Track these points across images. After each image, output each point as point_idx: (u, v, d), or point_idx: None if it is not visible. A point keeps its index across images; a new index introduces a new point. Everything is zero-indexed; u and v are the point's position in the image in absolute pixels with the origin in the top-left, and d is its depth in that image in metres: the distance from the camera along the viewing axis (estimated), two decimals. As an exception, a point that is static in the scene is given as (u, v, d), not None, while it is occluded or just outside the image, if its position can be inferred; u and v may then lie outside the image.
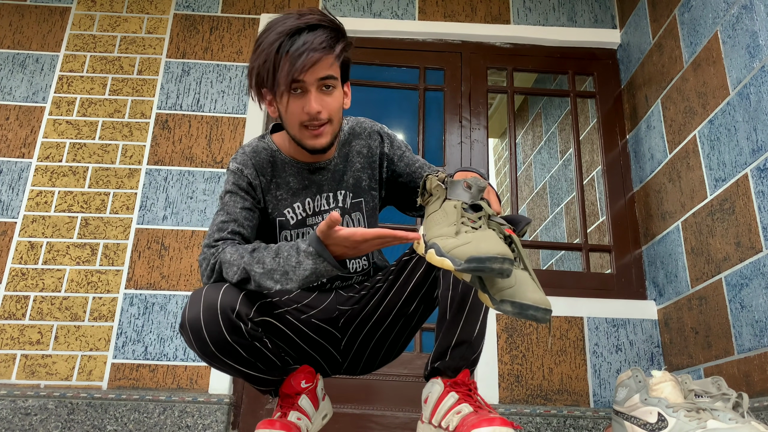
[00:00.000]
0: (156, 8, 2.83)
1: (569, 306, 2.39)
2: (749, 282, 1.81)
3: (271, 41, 1.15)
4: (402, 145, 1.40)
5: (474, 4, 2.91)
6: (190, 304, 1.11)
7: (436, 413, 1.15)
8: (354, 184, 1.34)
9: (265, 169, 1.30)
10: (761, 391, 1.73)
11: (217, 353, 1.13)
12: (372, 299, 1.32)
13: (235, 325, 1.11)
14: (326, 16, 1.20)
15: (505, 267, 0.92)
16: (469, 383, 1.18)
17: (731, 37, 1.96)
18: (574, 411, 2.21)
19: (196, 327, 1.10)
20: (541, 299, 0.96)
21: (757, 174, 1.80)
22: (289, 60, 1.13)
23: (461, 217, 1.02)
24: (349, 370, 1.42)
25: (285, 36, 1.14)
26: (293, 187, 1.31)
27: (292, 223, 1.30)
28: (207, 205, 2.49)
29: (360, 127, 1.38)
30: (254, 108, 2.66)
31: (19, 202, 2.46)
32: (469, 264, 0.92)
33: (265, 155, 1.31)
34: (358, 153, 1.36)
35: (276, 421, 1.22)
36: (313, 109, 1.17)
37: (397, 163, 1.38)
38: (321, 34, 1.16)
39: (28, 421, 2.13)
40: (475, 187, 1.07)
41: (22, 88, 2.65)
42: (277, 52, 1.14)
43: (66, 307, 2.32)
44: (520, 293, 0.97)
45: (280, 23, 1.18)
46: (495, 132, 4.66)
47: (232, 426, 2.22)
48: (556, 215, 3.47)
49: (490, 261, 0.91)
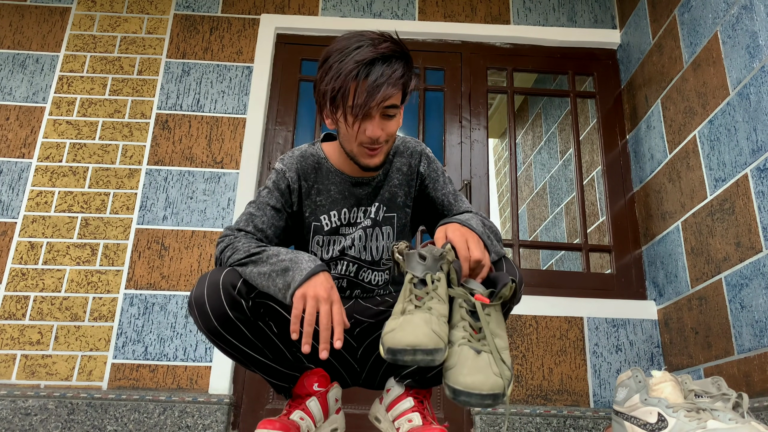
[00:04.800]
0: (156, 8, 2.83)
1: (569, 306, 2.39)
2: (749, 282, 1.81)
3: (349, 69, 1.18)
4: (439, 169, 1.44)
5: (474, 4, 2.91)
6: (197, 285, 1.19)
7: (393, 408, 1.30)
8: (389, 199, 1.39)
9: (309, 174, 1.36)
10: (761, 391, 1.73)
11: (220, 329, 1.18)
12: None
13: (236, 300, 1.16)
14: (399, 45, 1.24)
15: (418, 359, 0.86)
16: (424, 392, 1.31)
17: (731, 37, 1.97)
18: (574, 411, 2.21)
19: (200, 302, 1.16)
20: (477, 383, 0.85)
21: (757, 174, 1.80)
22: (366, 90, 1.18)
23: (410, 293, 0.98)
24: (368, 383, 1.44)
25: (362, 66, 1.18)
26: (333, 195, 1.36)
27: (326, 229, 1.35)
28: (207, 205, 2.49)
29: (404, 146, 1.43)
30: (254, 108, 2.66)
31: (19, 202, 2.46)
32: (387, 355, 0.89)
33: (311, 161, 1.37)
34: (398, 170, 1.40)
35: (276, 421, 1.22)
36: (375, 135, 1.23)
37: (428, 184, 1.42)
38: (396, 67, 1.20)
39: (28, 421, 2.13)
40: (430, 256, 1.00)
41: (22, 88, 2.65)
42: (355, 79, 1.18)
43: (66, 307, 2.32)
44: (454, 375, 0.88)
45: (355, 50, 1.20)
46: (495, 132, 4.66)
47: (232, 426, 2.22)
48: (556, 215, 3.47)
49: (401, 353, 0.87)
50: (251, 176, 2.54)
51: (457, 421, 2.27)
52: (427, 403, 1.31)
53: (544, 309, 2.38)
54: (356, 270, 1.36)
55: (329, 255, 1.35)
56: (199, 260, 2.41)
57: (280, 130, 2.70)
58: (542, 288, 2.47)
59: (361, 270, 1.36)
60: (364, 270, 1.36)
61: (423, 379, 1.29)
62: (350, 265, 1.35)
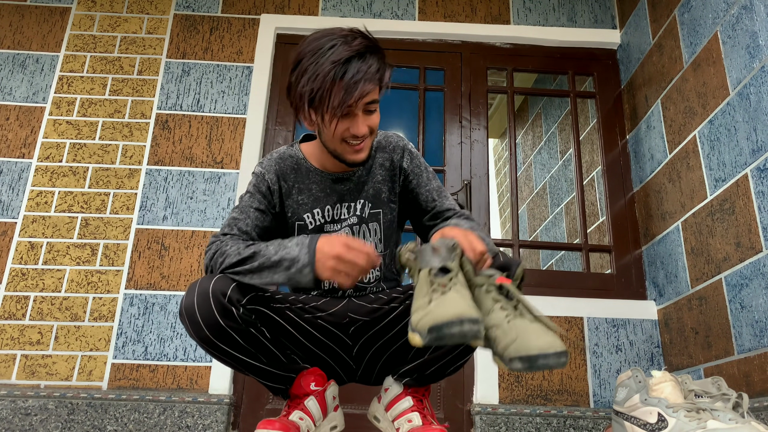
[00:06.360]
0: (156, 8, 2.83)
1: (569, 306, 2.39)
2: (749, 282, 1.81)
3: (326, 71, 1.18)
4: (422, 165, 1.45)
5: (474, 4, 2.91)
6: (187, 293, 1.19)
7: (392, 408, 1.32)
8: (374, 195, 1.39)
9: (288, 175, 1.37)
10: (761, 391, 1.73)
11: (212, 338, 1.18)
12: (386, 317, 1.34)
13: (226, 309, 1.16)
14: (370, 40, 1.24)
15: (465, 329, 0.85)
16: (423, 390, 1.32)
17: (731, 38, 1.96)
18: (574, 411, 2.21)
19: (191, 311, 1.16)
20: (547, 344, 0.88)
21: (757, 174, 1.80)
22: (343, 88, 1.18)
23: (431, 284, 0.98)
24: (364, 379, 1.44)
25: (338, 65, 1.19)
26: (315, 194, 1.37)
27: (311, 228, 1.36)
28: (207, 205, 2.49)
29: (386, 141, 1.43)
30: (254, 108, 2.66)
31: (19, 202, 2.46)
32: (430, 335, 0.87)
33: (290, 162, 1.39)
34: (380, 165, 1.41)
35: (276, 421, 1.22)
36: (361, 132, 1.25)
37: (411, 180, 1.42)
38: (371, 62, 1.21)
39: (28, 421, 2.13)
40: (443, 248, 1.01)
41: (22, 88, 2.65)
42: (332, 80, 1.19)
43: (66, 307, 2.32)
44: (524, 345, 0.89)
45: (329, 50, 1.21)
46: (495, 132, 4.66)
47: (232, 426, 2.22)
48: (556, 215, 3.47)
49: (447, 327, 0.85)
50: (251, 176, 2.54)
51: (457, 421, 2.27)
52: (426, 402, 1.32)
53: (544, 309, 2.38)
54: None
55: None
56: (199, 260, 2.41)
57: (280, 130, 2.70)
58: (542, 288, 2.47)
59: None
60: None
61: (422, 376, 1.29)
62: None
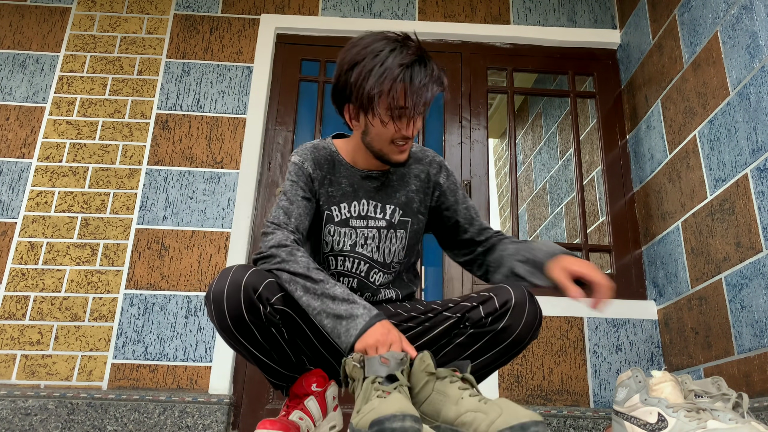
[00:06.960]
0: (156, 8, 2.83)
1: (569, 306, 2.39)
2: (749, 282, 1.81)
3: (396, 73, 1.20)
4: (458, 182, 1.48)
5: (474, 5, 2.91)
6: (218, 278, 1.19)
7: None
8: (405, 203, 1.41)
9: (322, 165, 1.39)
10: (761, 391, 1.73)
11: (232, 328, 1.19)
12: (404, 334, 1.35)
13: (254, 305, 1.17)
14: (421, 46, 1.26)
15: (407, 425, 0.86)
16: None
17: (731, 38, 1.96)
18: (574, 411, 2.21)
19: (219, 299, 1.17)
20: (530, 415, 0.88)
21: (757, 174, 1.80)
22: (415, 91, 1.20)
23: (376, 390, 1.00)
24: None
25: (405, 68, 1.21)
26: (344, 188, 1.39)
27: (337, 220, 1.38)
28: (207, 205, 2.49)
29: (422, 154, 1.47)
30: (254, 108, 2.66)
31: (19, 202, 2.46)
32: (371, 429, 0.88)
33: (324, 153, 1.41)
34: (416, 176, 1.44)
35: (276, 421, 1.22)
36: (411, 133, 1.27)
37: (448, 197, 1.45)
38: (432, 66, 1.24)
39: (28, 421, 2.13)
40: (392, 360, 1.04)
41: (22, 88, 2.65)
42: (402, 81, 1.21)
43: (66, 307, 2.32)
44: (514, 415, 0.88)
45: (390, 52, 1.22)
46: (495, 132, 4.66)
47: (232, 426, 2.22)
48: (556, 215, 3.47)
49: (389, 421, 0.86)
50: (251, 176, 2.54)
51: (457, 421, 2.27)
52: None
53: (544, 309, 2.38)
54: (367, 270, 1.38)
55: (340, 247, 1.37)
56: (199, 260, 2.41)
57: (280, 130, 2.70)
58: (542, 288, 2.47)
59: (371, 271, 1.38)
60: (374, 271, 1.38)
61: None
62: (362, 264, 1.37)
